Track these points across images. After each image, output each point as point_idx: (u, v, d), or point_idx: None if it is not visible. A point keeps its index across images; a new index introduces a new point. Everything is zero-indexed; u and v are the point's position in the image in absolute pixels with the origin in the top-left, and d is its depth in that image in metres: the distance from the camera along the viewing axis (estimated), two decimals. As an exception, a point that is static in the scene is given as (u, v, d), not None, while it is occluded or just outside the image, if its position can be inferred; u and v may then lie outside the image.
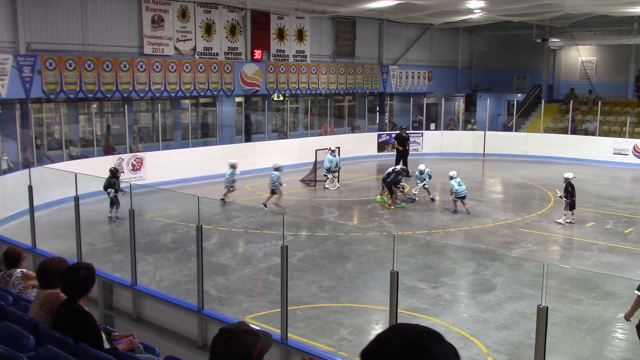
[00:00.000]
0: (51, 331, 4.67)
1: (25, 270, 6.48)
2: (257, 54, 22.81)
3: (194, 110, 22.58)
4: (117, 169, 15.71)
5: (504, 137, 27.23)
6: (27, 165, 14.52)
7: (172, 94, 20.58)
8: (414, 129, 26.99)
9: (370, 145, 26.35)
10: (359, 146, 25.48)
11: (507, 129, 28.72)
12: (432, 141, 27.09)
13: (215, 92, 21.83)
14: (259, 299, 10.27)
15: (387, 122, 29.03)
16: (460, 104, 31.76)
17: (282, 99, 25.41)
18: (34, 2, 17.00)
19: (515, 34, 29.70)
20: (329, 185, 19.40)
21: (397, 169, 17.36)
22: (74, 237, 8.79)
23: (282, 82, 23.89)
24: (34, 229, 9.30)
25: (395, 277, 5.62)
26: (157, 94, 20.10)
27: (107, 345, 4.86)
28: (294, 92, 24.71)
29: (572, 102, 26.68)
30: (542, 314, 4.89)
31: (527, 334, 8.42)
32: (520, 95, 31.88)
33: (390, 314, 5.75)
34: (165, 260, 12.18)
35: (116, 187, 14.69)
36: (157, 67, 19.78)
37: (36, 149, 17.25)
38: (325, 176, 19.50)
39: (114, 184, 14.71)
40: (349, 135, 26.19)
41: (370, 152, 26.16)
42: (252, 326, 2.88)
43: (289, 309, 6.42)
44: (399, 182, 17.18)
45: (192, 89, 20.96)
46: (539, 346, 4.94)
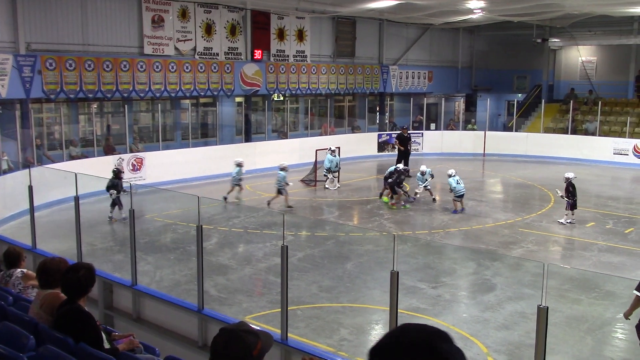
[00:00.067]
0: (51, 331, 4.67)
1: (25, 270, 6.47)
2: (257, 54, 22.81)
3: (194, 110, 22.58)
4: (120, 170, 15.71)
5: (504, 137, 27.23)
6: (27, 165, 14.53)
7: (172, 94, 20.58)
8: (414, 129, 26.96)
9: (370, 145, 26.35)
10: (359, 146, 25.48)
11: (507, 129, 28.71)
12: (432, 141, 27.09)
13: (215, 92, 21.83)
14: (259, 299, 10.27)
15: (387, 122, 29.03)
16: (460, 104, 31.78)
17: (282, 99, 25.41)
18: (34, 2, 17.00)
19: (515, 34, 29.69)
20: (329, 185, 19.39)
21: (399, 168, 17.35)
22: (74, 237, 8.79)
23: (282, 82, 23.89)
24: (34, 229, 9.30)
25: (395, 277, 5.62)
26: (157, 94, 20.10)
27: (107, 345, 4.86)
28: (294, 92, 24.70)
29: (572, 102, 26.69)
30: (542, 314, 4.89)
31: (527, 334, 8.42)
32: (520, 95, 31.86)
33: (390, 314, 5.75)
34: (165, 260, 12.18)
35: (119, 188, 14.68)
36: (157, 67, 19.78)
37: (36, 149, 17.25)
38: (325, 176, 19.49)
39: (116, 185, 14.69)
40: (349, 135, 26.18)
41: (370, 152, 26.16)
42: (252, 326, 2.88)
43: (289, 309, 6.41)
44: (402, 183, 17.19)
45: (192, 89, 20.96)
46: (539, 346, 4.94)
